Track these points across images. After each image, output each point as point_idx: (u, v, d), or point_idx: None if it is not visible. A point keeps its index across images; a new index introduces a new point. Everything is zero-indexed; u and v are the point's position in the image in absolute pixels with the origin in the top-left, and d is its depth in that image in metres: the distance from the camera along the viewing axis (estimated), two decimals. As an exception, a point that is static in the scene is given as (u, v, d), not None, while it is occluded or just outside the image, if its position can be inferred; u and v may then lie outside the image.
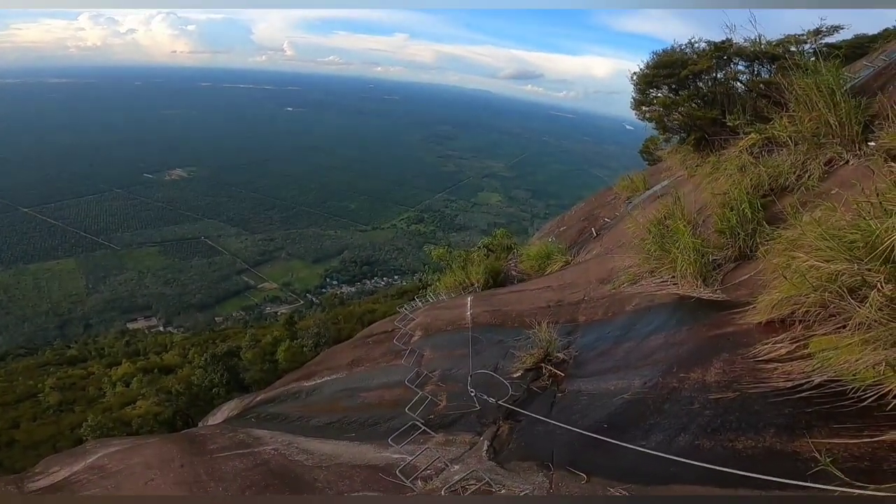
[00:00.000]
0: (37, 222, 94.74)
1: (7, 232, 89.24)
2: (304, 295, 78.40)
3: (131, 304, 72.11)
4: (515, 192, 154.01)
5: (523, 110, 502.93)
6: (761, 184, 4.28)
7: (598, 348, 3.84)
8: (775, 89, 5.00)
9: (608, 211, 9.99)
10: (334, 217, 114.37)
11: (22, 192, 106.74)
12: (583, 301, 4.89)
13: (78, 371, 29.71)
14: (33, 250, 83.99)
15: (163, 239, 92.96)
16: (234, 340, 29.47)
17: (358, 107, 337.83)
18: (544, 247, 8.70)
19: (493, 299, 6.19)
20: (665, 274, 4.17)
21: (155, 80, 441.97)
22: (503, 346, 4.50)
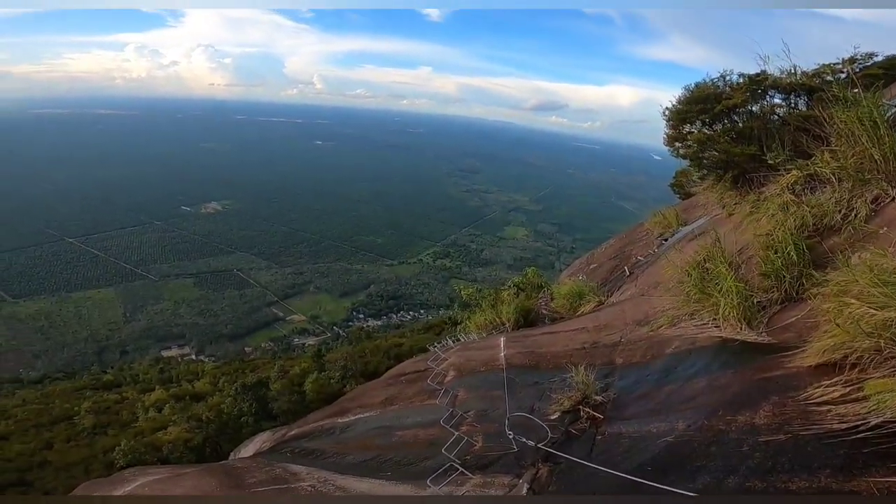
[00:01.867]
0: (81, 252, 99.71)
1: (53, 261, 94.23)
2: (331, 328, 79.52)
3: (166, 332, 74.35)
4: (542, 227, 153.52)
5: (548, 142, 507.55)
6: (805, 224, 4.18)
7: (638, 391, 3.77)
8: (814, 122, 4.87)
9: (641, 249, 9.84)
10: (361, 251, 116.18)
11: (69, 222, 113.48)
12: (619, 343, 4.81)
13: (113, 396, 30.40)
14: (76, 279, 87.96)
15: (198, 271, 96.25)
16: (263, 371, 29.82)
17: (384, 140, 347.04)
18: (576, 286, 8.62)
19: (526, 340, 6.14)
20: (706, 316, 4.07)
21: (194, 113, 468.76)
22: (538, 387, 4.45)
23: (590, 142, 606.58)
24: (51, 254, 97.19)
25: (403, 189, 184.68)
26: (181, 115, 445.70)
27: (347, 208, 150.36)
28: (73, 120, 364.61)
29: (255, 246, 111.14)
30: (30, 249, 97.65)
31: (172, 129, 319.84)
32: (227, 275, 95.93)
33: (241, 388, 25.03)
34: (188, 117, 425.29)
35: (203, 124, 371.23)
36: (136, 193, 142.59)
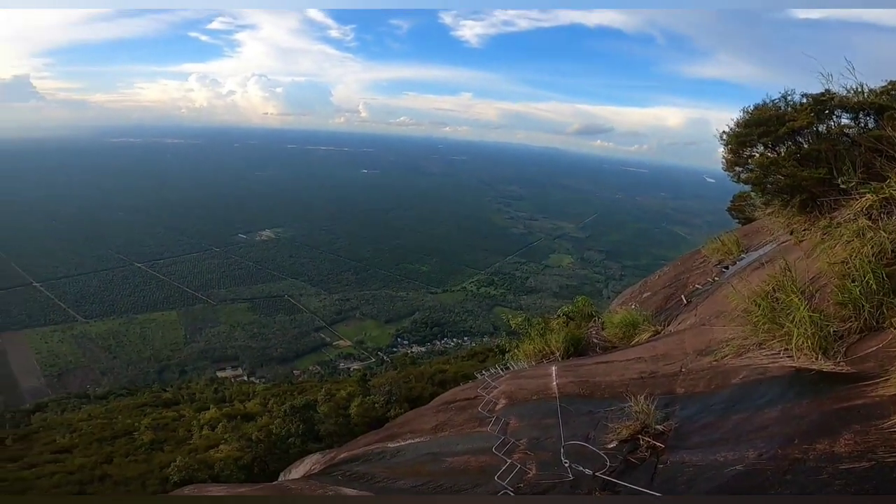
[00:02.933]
0: (148, 277, 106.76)
1: (122, 284, 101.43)
2: (376, 353, 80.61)
3: (221, 354, 77.70)
4: (588, 254, 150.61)
5: (593, 167, 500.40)
6: (884, 250, 3.93)
7: (702, 420, 3.65)
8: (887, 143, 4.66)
9: (698, 277, 9.45)
10: (406, 279, 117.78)
11: (138, 248, 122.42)
12: (680, 373, 4.65)
13: (171, 413, 31.46)
14: (143, 302, 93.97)
15: (252, 296, 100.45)
16: (311, 393, 30.35)
17: (427, 168, 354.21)
18: (629, 315, 8.41)
19: (579, 370, 6.04)
20: (777, 346, 3.90)
21: (249, 142, 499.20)
22: (593, 416, 4.36)
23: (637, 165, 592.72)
24: (121, 277, 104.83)
25: (447, 217, 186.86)
26: (238, 143, 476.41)
27: (392, 236, 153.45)
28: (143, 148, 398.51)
29: (304, 273, 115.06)
30: (102, 273, 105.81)
31: (230, 158, 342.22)
32: (279, 300, 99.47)
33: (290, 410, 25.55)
34: (244, 146, 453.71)
35: (257, 153, 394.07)
36: (198, 221, 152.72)
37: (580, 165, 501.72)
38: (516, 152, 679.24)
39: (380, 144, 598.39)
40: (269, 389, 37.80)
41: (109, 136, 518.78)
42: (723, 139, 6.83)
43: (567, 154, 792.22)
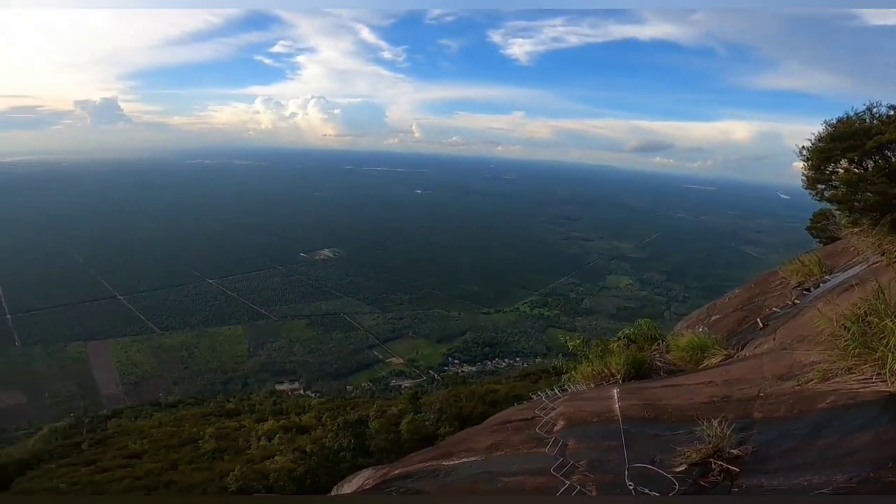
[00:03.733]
0: (218, 292, 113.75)
1: (196, 299, 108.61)
2: (427, 371, 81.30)
3: (281, 368, 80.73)
4: (648, 275, 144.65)
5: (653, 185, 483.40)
6: None
7: (784, 445, 3.51)
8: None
9: (776, 299, 8.84)
10: (459, 299, 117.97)
11: (209, 265, 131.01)
12: (758, 397, 4.41)
13: (233, 423, 32.57)
14: (213, 316, 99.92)
15: (311, 313, 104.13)
16: (363, 409, 30.75)
17: (480, 188, 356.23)
18: (696, 338, 8.03)
19: (643, 392, 5.83)
20: (868, 371, 3.65)
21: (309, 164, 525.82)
22: (659, 440, 4.20)
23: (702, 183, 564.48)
24: (195, 293, 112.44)
25: (500, 237, 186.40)
26: (299, 165, 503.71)
27: (446, 256, 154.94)
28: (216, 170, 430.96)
29: (360, 291, 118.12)
30: (178, 288, 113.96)
31: (293, 179, 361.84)
32: (336, 318, 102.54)
33: (343, 425, 25.98)
34: (305, 167, 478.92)
35: (317, 174, 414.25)
36: (264, 240, 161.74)
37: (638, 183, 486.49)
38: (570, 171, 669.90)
39: (433, 164, 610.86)
40: (323, 404, 38.72)
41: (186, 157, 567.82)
42: (803, 154, 6.43)
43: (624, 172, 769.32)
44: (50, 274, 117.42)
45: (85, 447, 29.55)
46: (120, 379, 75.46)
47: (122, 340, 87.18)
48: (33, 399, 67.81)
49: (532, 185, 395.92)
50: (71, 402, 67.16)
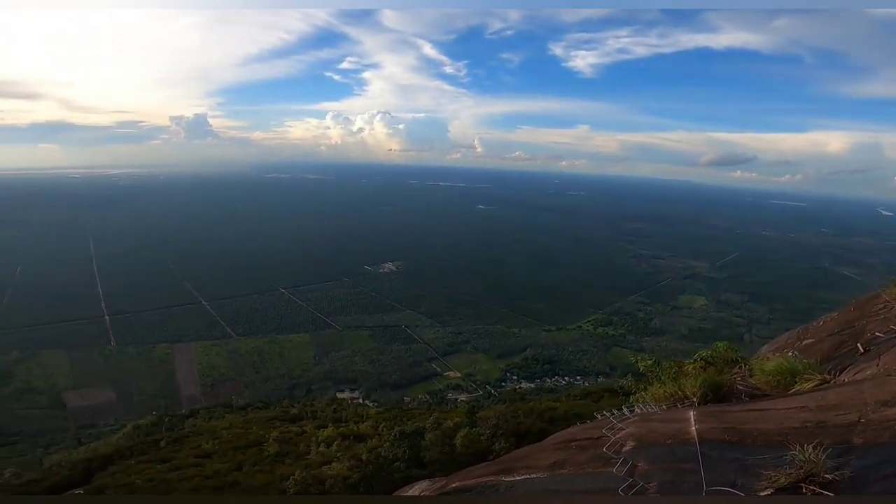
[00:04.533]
0: (289, 301, 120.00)
1: (268, 307, 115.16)
2: (484, 386, 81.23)
3: (343, 376, 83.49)
4: (726, 296, 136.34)
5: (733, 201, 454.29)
6: None
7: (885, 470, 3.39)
8: None
9: (879, 323, 8.00)
10: (520, 315, 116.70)
11: (282, 274, 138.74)
12: (858, 423, 4.12)
13: (295, 428, 33.46)
14: (284, 324, 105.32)
15: (373, 324, 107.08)
16: (419, 420, 30.79)
17: (543, 204, 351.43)
18: (786, 362, 7.47)
19: (724, 416, 5.51)
20: None
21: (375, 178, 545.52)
22: (742, 463, 3.98)
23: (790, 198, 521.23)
24: (268, 301, 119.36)
25: (563, 254, 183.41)
26: (365, 179, 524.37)
27: (507, 272, 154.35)
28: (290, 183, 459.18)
29: (421, 305, 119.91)
30: (254, 297, 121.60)
31: (360, 193, 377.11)
32: (396, 330, 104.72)
33: (399, 435, 26.17)
34: (371, 182, 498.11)
35: (382, 188, 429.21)
36: (332, 252, 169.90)
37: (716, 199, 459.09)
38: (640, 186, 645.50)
39: (495, 179, 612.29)
40: (381, 413, 39.27)
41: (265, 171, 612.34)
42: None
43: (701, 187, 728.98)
44: (145, 279, 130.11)
45: (163, 445, 31.44)
46: (199, 380, 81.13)
47: (203, 344, 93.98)
48: (122, 397, 74.42)
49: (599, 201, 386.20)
50: (154, 400, 72.88)
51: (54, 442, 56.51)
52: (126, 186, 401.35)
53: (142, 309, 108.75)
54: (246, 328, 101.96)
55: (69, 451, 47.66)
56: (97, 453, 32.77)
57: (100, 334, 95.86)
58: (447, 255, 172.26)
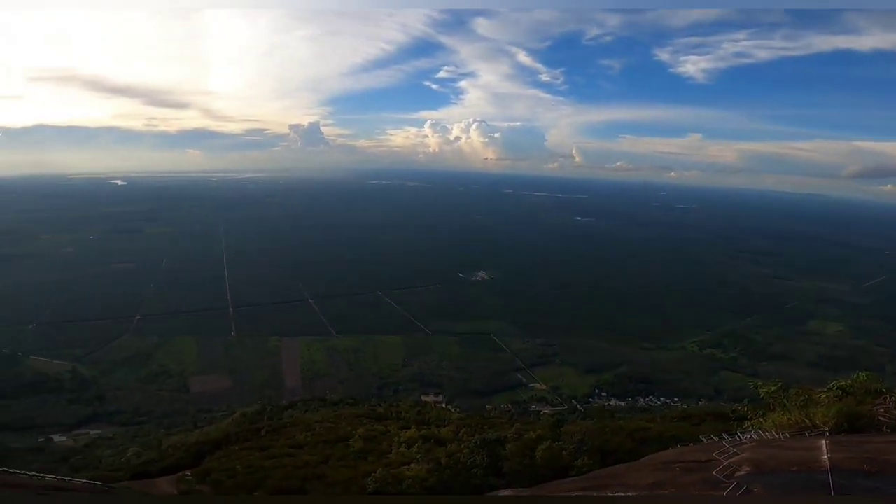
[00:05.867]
0: (384, 303, 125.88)
1: (366, 308, 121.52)
2: (570, 401, 78.80)
3: (429, 380, 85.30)
4: (867, 322, 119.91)
5: (882, 218, 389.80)
6: None
7: None
8: None
9: None
10: (615, 332, 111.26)
11: (379, 277, 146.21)
12: None
13: (380, 427, 33.62)
14: (379, 325, 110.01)
15: (462, 331, 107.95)
16: (500, 429, 30.13)
17: (648, 217, 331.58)
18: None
19: (863, 446, 4.95)
20: None
21: (471, 187, 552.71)
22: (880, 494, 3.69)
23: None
24: (367, 302, 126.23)
25: (668, 270, 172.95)
26: (462, 187, 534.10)
27: (605, 286, 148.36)
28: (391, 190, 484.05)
29: (511, 315, 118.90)
30: (354, 297, 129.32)
31: (456, 201, 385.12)
32: (484, 338, 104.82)
33: (481, 442, 25.84)
34: (467, 190, 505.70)
35: (477, 197, 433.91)
36: (428, 258, 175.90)
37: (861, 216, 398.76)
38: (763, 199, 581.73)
39: (594, 190, 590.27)
40: (463, 419, 39.00)
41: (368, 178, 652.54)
42: None
43: (841, 202, 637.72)
44: (264, 275, 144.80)
45: (263, 434, 33.35)
46: (301, 374, 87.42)
47: (307, 339, 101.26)
48: (236, 384, 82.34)
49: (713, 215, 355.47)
50: (262, 390, 79.11)
51: (175, 424, 63.25)
52: (252, 190, 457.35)
53: (259, 303, 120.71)
54: (345, 327, 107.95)
55: (186, 433, 52.79)
56: (209, 437, 35.65)
57: (224, 324, 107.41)
58: (540, 267, 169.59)
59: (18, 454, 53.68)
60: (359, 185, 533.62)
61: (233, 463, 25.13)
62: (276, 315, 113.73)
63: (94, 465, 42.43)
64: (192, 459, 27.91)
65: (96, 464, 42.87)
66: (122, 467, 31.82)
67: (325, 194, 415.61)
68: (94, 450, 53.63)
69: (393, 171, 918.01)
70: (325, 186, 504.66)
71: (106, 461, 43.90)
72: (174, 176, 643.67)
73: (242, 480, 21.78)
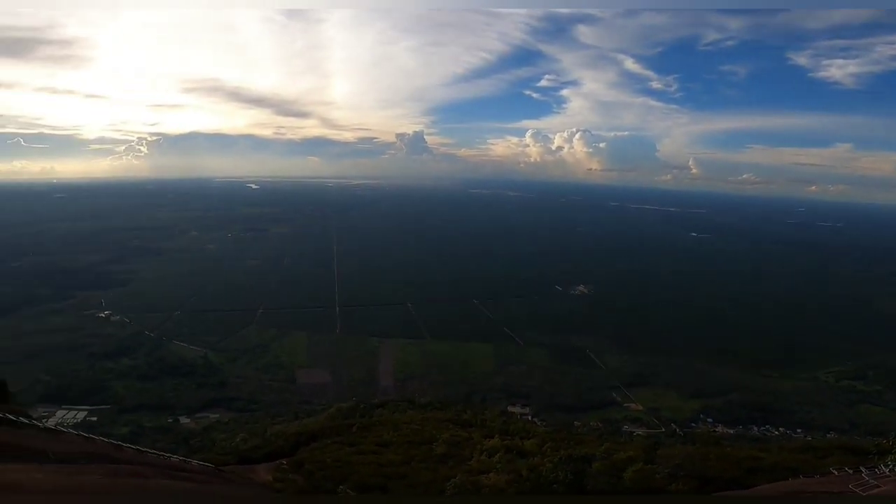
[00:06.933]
0: (479, 311, 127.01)
1: (460, 316, 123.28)
2: (669, 424, 73.25)
3: (517, 391, 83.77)
4: None
5: None
6: None
7: None
8: None
9: None
10: (729, 356, 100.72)
11: (476, 286, 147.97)
12: None
13: (464, 433, 34.04)
14: (471, 332, 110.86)
15: (555, 344, 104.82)
16: (588, 447, 28.94)
17: (780, 234, 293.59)
18: None
19: None
20: None
21: (573, 198, 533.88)
22: None
23: None
24: (462, 309, 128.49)
25: (803, 293, 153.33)
26: (563, 199, 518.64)
27: (721, 308, 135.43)
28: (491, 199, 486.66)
29: (610, 331, 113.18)
30: (451, 303, 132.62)
31: (557, 212, 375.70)
32: (580, 353, 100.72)
33: (566, 458, 25.08)
34: (569, 201, 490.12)
35: (580, 209, 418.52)
36: (525, 269, 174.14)
37: None
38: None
39: (714, 205, 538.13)
40: (549, 433, 37.95)
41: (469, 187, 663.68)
42: None
43: None
44: (369, 277, 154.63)
45: (354, 430, 34.99)
46: (394, 375, 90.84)
47: (403, 341, 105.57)
48: (336, 380, 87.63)
49: (863, 234, 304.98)
50: (357, 387, 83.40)
51: (279, 413, 68.21)
52: (362, 195, 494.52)
53: (363, 304, 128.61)
54: (439, 331, 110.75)
55: (287, 423, 56.46)
56: (306, 429, 38.04)
57: (330, 322, 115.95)
58: (646, 284, 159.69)
59: (150, 433, 62.60)
60: (460, 194, 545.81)
61: (324, 455, 26.64)
62: (377, 316, 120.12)
63: (208, 447, 46.83)
64: (289, 449, 29.79)
65: (210, 446, 47.40)
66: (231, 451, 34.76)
67: (427, 202, 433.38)
68: (211, 433, 59.95)
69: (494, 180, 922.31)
70: (427, 194, 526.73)
71: (218, 444, 48.27)
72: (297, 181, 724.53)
73: (331, 473, 23.02)
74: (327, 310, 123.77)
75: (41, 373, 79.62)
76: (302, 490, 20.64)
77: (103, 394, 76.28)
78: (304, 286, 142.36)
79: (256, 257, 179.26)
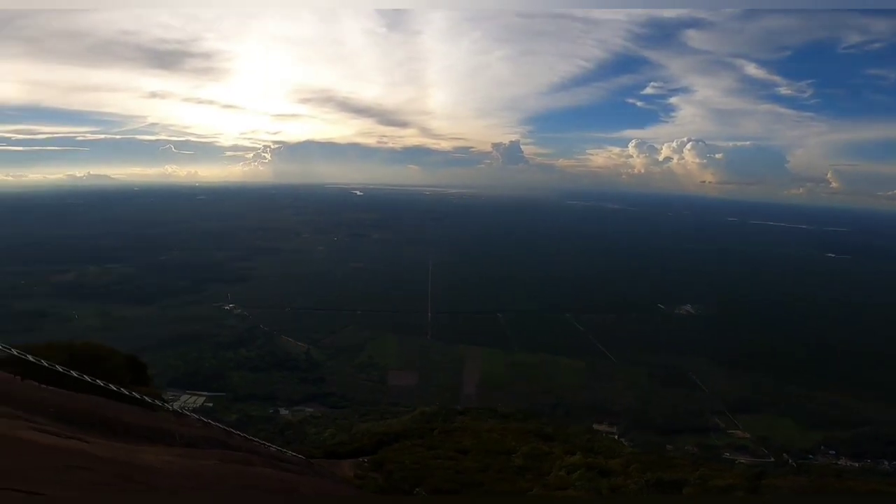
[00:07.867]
0: (573, 327, 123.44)
1: (552, 329, 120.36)
2: (781, 454, 66.19)
3: (605, 409, 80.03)
4: None
5: None
6: None
7: None
8: None
9: None
10: (868, 388, 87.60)
11: (570, 299, 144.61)
12: None
13: (545, 447, 32.64)
14: (563, 346, 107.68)
15: (654, 363, 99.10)
16: (679, 471, 27.25)
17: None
18: None
19: None
20: None
21: (683, 212, 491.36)
22: None
23: None
24: (555, 323, 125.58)
25: None
26: (671, 213, 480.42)
27: (860, 337, 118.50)
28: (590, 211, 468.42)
29: (716, 353, 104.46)
30: (543, 316, 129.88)
31: (663, 227, 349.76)
32: (680, 374, 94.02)
33: (656, 482, 24.11)
34: (678, 216, 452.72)
35: (691, 224, 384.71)
36: (624, 284, 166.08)
37: None
38: None
39: (857, 222, 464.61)
40: (636, 455, 36.02)
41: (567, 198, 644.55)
42: None
43: None
44: (461, 285, 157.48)
45: (435, 433, 35.45)
46: (478, 382, 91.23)
47: (490, 350, 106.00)
48: (422, 383, 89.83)
49: None
50: (441, 392, 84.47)
51: (367, 413, 70.66)
52: (458, 205, 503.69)
53: (454, 311, 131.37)
54: (528, 344, 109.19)
55: (373, 422, 58.36)
56: (390, 429, 39.24)
57: (422, 327, 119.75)
58: (766, 307, 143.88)
59: (254, 422, 67.46)
60: (557, 205, 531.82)
61: (403, 456, 27.29)
62: (467, 324, 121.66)
63: (300, 439, 49.86)
64: (372, 447, 30.84)
65: (302, 438, 50.53)
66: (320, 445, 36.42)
67: (523, 212, 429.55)
68: (305, 426, 63.93)
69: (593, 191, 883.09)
70: (523, 204, 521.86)
71: (309, 437, 51.44)
72: (397, 189, 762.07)
73: (408, 474, 23.74)
74: (420, 315, 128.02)
75: (173, 358, 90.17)
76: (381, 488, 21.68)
77: (221, 381, 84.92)
78: (400, 291, 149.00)
79: (359, 260, 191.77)
